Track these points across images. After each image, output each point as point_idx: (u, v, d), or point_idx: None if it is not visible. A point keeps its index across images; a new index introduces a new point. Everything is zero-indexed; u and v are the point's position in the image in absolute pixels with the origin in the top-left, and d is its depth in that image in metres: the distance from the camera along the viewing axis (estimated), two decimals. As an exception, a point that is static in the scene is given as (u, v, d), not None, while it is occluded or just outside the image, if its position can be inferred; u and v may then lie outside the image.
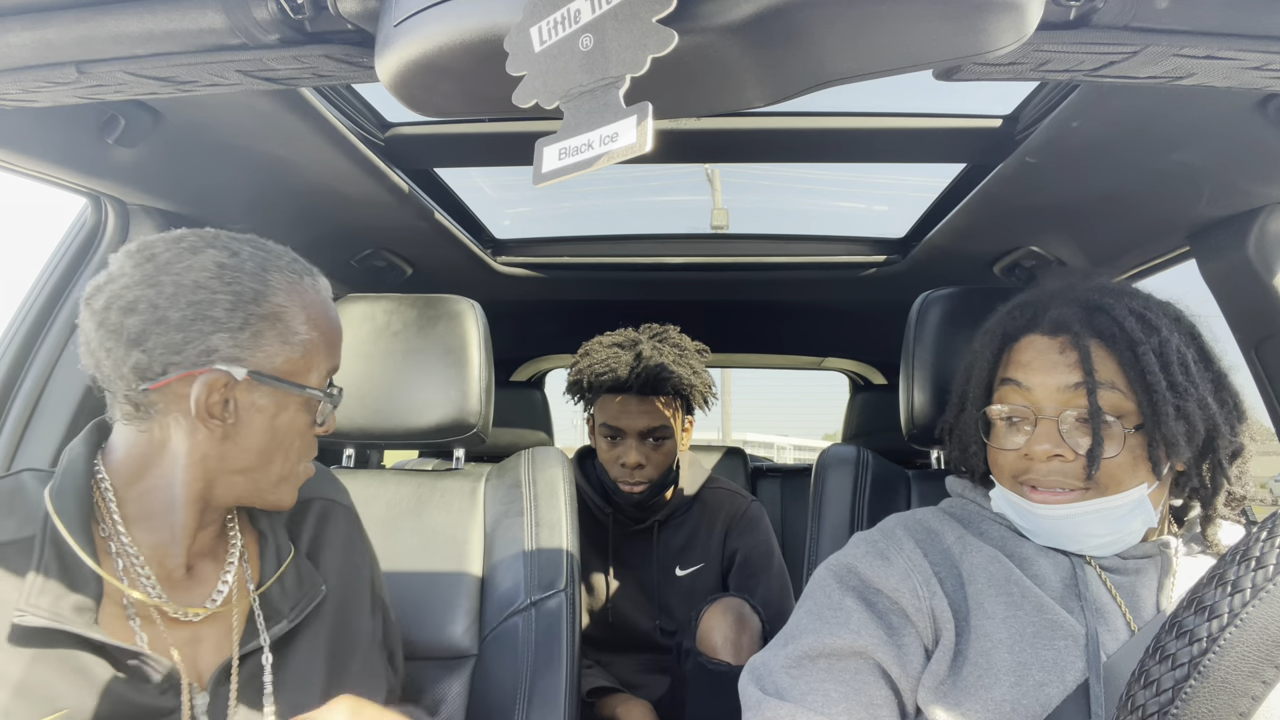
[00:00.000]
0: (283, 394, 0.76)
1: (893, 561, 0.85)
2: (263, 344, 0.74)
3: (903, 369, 1.23)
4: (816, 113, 1.41)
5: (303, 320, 0.77)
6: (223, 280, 0.73)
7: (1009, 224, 1.53)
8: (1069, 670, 0.75)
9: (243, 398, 0.74)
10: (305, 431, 0.80)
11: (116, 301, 0.71)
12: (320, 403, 0.80)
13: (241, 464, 0.76)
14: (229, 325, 0.72)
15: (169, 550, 0.76)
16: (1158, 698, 0.47)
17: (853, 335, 2.47)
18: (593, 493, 1.70)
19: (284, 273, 0.77)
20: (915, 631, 0.80)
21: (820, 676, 0.77)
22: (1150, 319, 0.84)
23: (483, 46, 0.50)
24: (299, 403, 0.78)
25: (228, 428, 0.74)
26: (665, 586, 1.63)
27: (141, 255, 0.74)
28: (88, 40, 0.63)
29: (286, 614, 0.82)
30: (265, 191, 1.34)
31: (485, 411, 1.29)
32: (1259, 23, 0.56)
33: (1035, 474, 0.84)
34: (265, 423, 0.76)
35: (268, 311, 0.74)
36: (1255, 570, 0.46)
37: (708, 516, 1.69)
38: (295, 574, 0.85)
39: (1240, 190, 1.12)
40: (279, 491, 0.81)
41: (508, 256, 2.01)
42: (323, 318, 0.79)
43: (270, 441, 0.77)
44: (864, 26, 0.49)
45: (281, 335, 0.75)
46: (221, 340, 0.72)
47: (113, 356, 0.71)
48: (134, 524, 0.75)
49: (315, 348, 0.78)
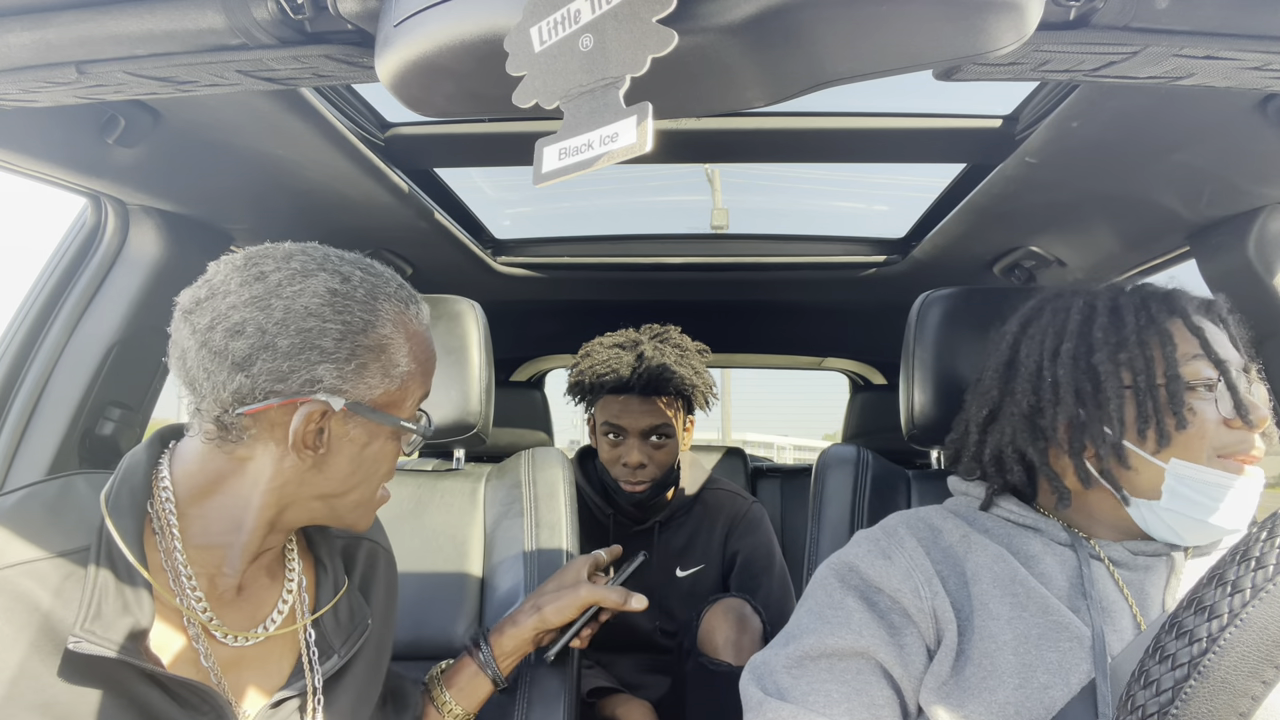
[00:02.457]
0: (375, 425, 0.74)
1: (894, 560, 0.84)
2: (366, 376, 0.72)
3: (903, 369, 1.23)
4: (816, 113, 1.41)
5: (405, 353, 0.74)
6: (334, 309, 0.70)
7: (1009, 224, 1.53)
8: (1074, 673, 0.74)
9: (337, 428, 0.72)
10: (391, 459, 0.78)
11: (222, 322, 0.68)
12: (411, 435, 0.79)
13: (323, 490, 0.74)
14: (336, 356, 0.69)
15: (222, 570, 0.74)
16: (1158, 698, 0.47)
17: (853, 335, 2.47)
18: (593, 493, 1.70)
19: (392, 301, 0.74)
20: (917, 631, 0.80)
21: (822, 677, 0.77)
22: None
23: (483, 46, 0.50)
24: (389, 433, 0.76)
25: (319, 457, 0.72)
26: (665, 587, 1.64)
27: (250, 272, 0.70)
28: (88, 40, 0.63)
29: (337, 648, 0.81)
30: (265, 191, 1.34)
31: (485, 412, 1.29)
32: (1259, 23, 0.56)
33: (1247, 440, 0.80)
34: (355, 452, 0.74)
35: (374, 343, 0.72)
36: (1255, 570, 0.46)
37: (709, 517, 1.70)
38: (348, 606, 0.84)
39: (1240, 190, 1.12)
40: (356, 514, 0.79)
41: (508, 256, 2.01)
42: (423, 349, 0.78)
43: (357, 470, 0.75)
44: (864, 26, 0.49)
45: (384, 368, 0.73)
46: (327, 371, 0.69)
47: (213, 379, 0.68)
48: (191, 541, 0.72)
49: (413, 379, 0.76)
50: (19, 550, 0.65)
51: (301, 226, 1.52)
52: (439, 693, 0.98)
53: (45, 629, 0.64)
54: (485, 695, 0.99)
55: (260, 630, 0.77)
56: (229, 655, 0.74)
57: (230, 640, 0.74)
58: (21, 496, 0.70)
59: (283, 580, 0.81)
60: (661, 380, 1.55)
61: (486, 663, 0.98)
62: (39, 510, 0.69)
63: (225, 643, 0.74)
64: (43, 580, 0.65)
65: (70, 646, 0.62)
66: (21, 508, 0.69)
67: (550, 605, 1.00)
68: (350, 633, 0.82)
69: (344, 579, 0.85)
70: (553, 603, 1.00)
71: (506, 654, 1.00)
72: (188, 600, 0.72)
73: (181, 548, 0.71)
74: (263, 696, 0.76)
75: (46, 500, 0.70)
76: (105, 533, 0.68)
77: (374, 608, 0.89)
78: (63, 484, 0.73)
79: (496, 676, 0.98)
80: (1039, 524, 0.87)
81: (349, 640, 0.82)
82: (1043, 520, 0.87)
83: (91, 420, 1.26)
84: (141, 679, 0.66)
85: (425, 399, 0.81)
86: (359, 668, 0.84)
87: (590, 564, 1.06)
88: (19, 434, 1.22)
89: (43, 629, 0.64)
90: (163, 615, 0.70)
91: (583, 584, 1.01)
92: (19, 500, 0.70)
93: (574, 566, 1.05)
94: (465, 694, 0.98)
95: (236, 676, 0.75)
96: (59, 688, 0.63)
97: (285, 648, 0.79)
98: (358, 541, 0.92)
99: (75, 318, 1.27)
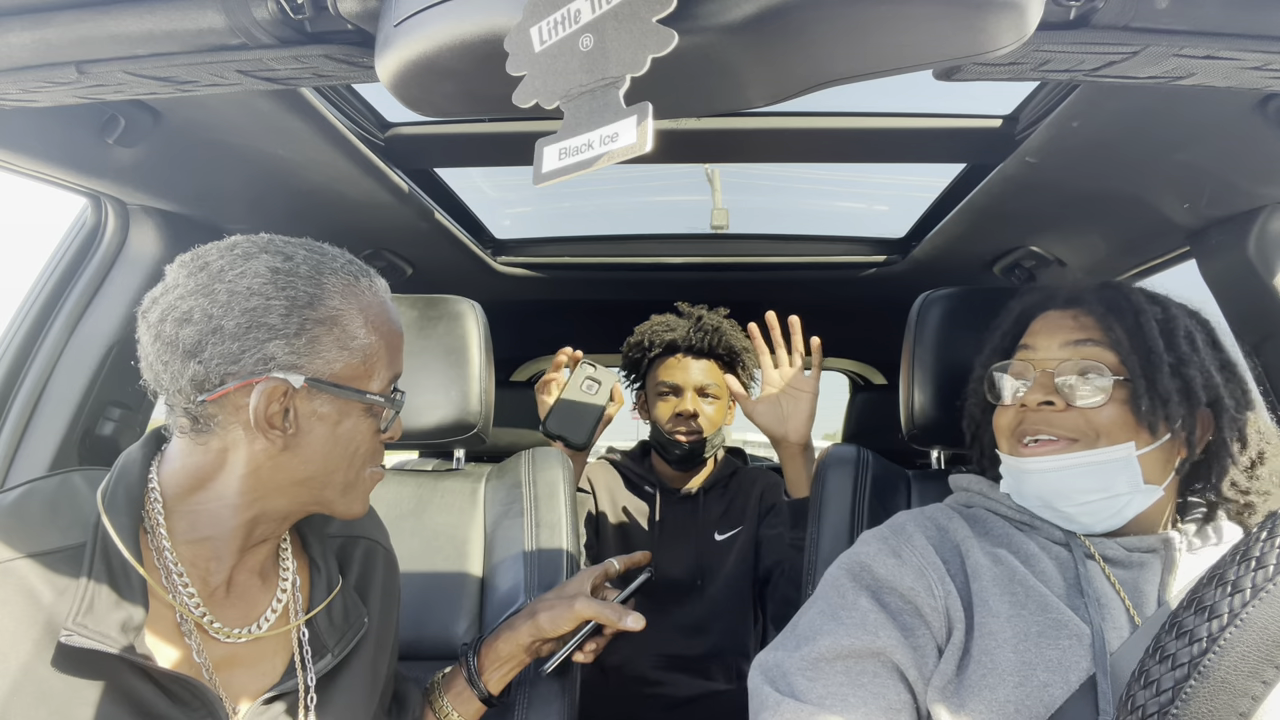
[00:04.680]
0: (344, 401, 0.73)
1: (905, 560, 0.84)
2: (320, 350, 0.71)
3: (903, 369, 1.23)
4: (816, 113, 1.41)
5: (361, 324, 0.74)
6: (277, 285, 0.70)
7: (1009, 224, 1.53)
8: (1073, 670, 0.75)
9: (303, 406, 0.72)
10: (369, 438, 0.77)
11: (171, 313, 0.69)
12: (384, 409, 0.78)
13: (302, 474, 0.74)
14: (284, 332, 0.70)
15: (210, 566, 0.75)
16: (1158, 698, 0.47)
17: (853, 335, 2.47)
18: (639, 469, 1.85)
19: (339, 275, 0.75)
20: (929, 631, 0.80)
21: (838, 680, 0.76)
22: (1160, 299, 0.90)
23: (483, 46, 0.50)
24: (361, 409, 0.75)
25: (288, 438, 0.72)
26: (705, 549, 1.77)
27: (195, 264, 0.72)
28: (88, 40, 0.63)
29: (331, 648, 0.80)
30: (265, 191, 1.34)
31: (486, 412, 1.29)
32: (1259, 23, 0.56)
33: (1027, 423, 0.88)
34: (327, 431, 0.73)
35: (324, 316, 0.72)
36: (1255, 570, 0.46)
37: (744, 488, 1.83)
38: (342, 605, 0.83)
39: (1240, 190, 1.12)
40: (347, 500, 0.78)
41: (508, 257, 2.01)
42: (382, 321, 0.77)
43: (333, 450, 0.74)
44: (864, 26, 0.49)
45: (339, 340, 0.72)
46: (278, 348, 0.69)
47: (170, 369, 0.69)
48: (179, 538, 0.73)
49: (376, 352, 0.75)
50: (19, 545, 0.66)
51: (301, 226, 1.51)
52: (437, 697, 0.97)
53: (46, 623, 0.64)
54: (479, 707, 0.97)
55: (254, 628, 0.77)
56: (222, 652, 0.75)
57: (224, 637, 0.75)
58: (20, 493, 0.71)
59: (277, 580, 0.81)
60: (716, 339, 1.71)
61: (471, 678, 0.97)
62: (38, 507, 0.70)
63: (219, 639, 0.75)
64: (42, 575, 0.66)
65: (62, 639, 0.63)
66: (20, 504, 0.70)
67: (545, 614, 0.98)
68: (345, 632, 0.82)
69: (338, 578, 0.85)
70: (548, 610, 0.98)
71: (502, 660, 0.98)
72: (180, 597, 0.72)
73: (170, 545, 0.73)
74: (255, 694, 0.76)
75: (45, 497, 0.71)
76: (101, 529, 0.69)
77: (371, 606, 0.89)
78: (61, 481, 0.74)
79: (483, 692, 0.97)
80: (1035, 523, 0.88)
81: (343, 639, 0.82)
82: (1038, 519, 0.88)
83: (91, 420, 1.26)
84: (134, 673, 0.67)
85: (398, 377, 0.80)
86: (356, 667, 0.84)
87: (600, 574, 1.04)
88: (19, 433, 1.22)
89: (43, 623, 0.64)
90: (156, 611, 0.71)
91: (581, 596, 0.99)
92: (18, 497, 0.71)
93: (580, 577, 1.03)
94: (461, 701, 0.97)
95: (229, 674, 0.75)
96: (55, 680, 0.64)
97: (279, 647, 0.79)
98: (355, 540, 0.92)
99: (75, 318, 1.27)
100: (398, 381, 0.81)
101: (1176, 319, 0.87)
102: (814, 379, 1.42)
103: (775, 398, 1.43)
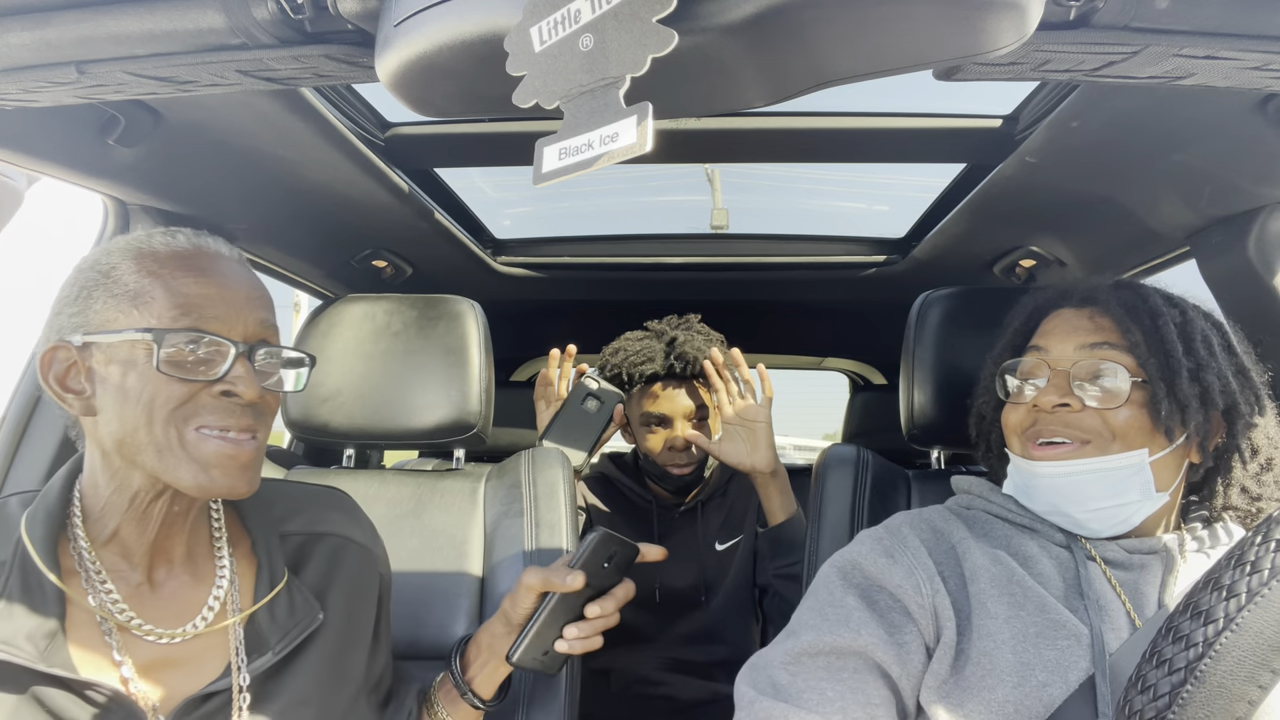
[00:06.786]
0: (126, 351, 0.70)
1: (897, 559, 0.85)
2: (93, 305, 0.72)
3: (903, 369, 1.23)
4: (816, 113, 1.41)
5: (132, 270, 0.72)
6: (77, 269, 0.74)
7: (1009, 224, 1.53)
8: (1072, 670, 0.75)
9: (98, 368, 0.71)
10: (165, 387, 0.70)
11: None
12: (176, 349, 0.70)
13: (115, 437, 0.71)
14: (68, 298, 0.73)
15: (125, 563, 0.75)
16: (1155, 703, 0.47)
17: (853, 335, 2.47)
18: (631, 483, 1.78)
19: (131, 240, 0.75)
20: (916, 629, 0.80)
21: (818, 675, 0.77)
22: (1177, 300, 0.89)
23: (483, 46, 0.50)
24: (143, 355, 0.70)
25: (85, 401, 0.72)
26: (707, 561, 1.73)
27: None
28: (88, 40, 0.63)
29: (273, 645, 0.78)
30: (265, 191, 1.33)
31: (485, 412, 1.29)
32: (1259, 23, 0.56)
33: (1041, 424, 0.86)
34: (117, 384, 0.70)
35: (100, 272, 0.73)
36: (1250, 575, 0.46)
37: (741, 495, 1.79)
38: (287, 603, 0.81)
39: (1240, 190, 1.12)
40: (171, 466, 0.70)
41: (508, 256, 2.01)
42: (164, 261, 0.72)
43: (124, 405, 0.70)
44: (864, 26, 0.49)
45: (109, 289, 0.72)
46: (65, 317, 0.73)
47: None
48: (96, 540, 0.75)
49: (147, 290, 0.71)
50: None
51: (301, 226, 1.52)
52: (435, 700, 0.96)
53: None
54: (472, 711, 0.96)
55: (190, 628, 0.76)
56: (154, 654, 0.74)
57: (155, 639, 0.74)
58: None
59: (213, 578, 0.80)
60: (696, 363, 1.61)
61: (456, 680, 0.96)
62: None
63: (148, 641, 0.74)
64: None
65: None
66: None
67: (508, 598, 0.96)
68: (290, 629, 0.80)
69: (282, 574, 0.82)
70: (510, 595, 0.96)
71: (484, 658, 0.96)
72: (100, 599, 0.72)
73: (89, 548, 0.74)
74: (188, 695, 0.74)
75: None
76: (20, 544, 0.71)
77: (331, 603, 0.85)
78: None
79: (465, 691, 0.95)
80: (1036, 525, 0.88)
81: (287, 637, 0.79)
82: (1039, 521, 0.88)
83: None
84: (49, 683, 0.68)
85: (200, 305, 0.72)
86: (305, 665, 0.81)
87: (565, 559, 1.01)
88: (19, 434, 1.22)
89: None
90: (78, 619, 0.71)
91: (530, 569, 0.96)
92: None
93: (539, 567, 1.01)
94: (454, 704, 0.96)
95: (161, 675, 0.73)
96: None
97: (217, 646, 0.77)
98: (319, 537, 0.89)
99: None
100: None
101: (1194, 322, 0.86)
102: (765, 408, 1.47)
103: (735, 432, 1.47)
